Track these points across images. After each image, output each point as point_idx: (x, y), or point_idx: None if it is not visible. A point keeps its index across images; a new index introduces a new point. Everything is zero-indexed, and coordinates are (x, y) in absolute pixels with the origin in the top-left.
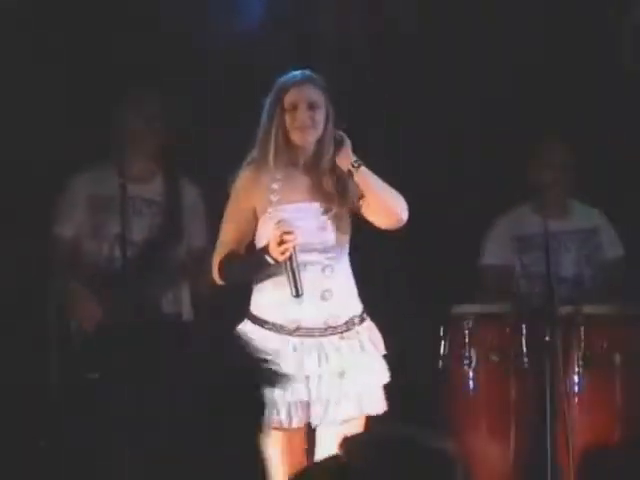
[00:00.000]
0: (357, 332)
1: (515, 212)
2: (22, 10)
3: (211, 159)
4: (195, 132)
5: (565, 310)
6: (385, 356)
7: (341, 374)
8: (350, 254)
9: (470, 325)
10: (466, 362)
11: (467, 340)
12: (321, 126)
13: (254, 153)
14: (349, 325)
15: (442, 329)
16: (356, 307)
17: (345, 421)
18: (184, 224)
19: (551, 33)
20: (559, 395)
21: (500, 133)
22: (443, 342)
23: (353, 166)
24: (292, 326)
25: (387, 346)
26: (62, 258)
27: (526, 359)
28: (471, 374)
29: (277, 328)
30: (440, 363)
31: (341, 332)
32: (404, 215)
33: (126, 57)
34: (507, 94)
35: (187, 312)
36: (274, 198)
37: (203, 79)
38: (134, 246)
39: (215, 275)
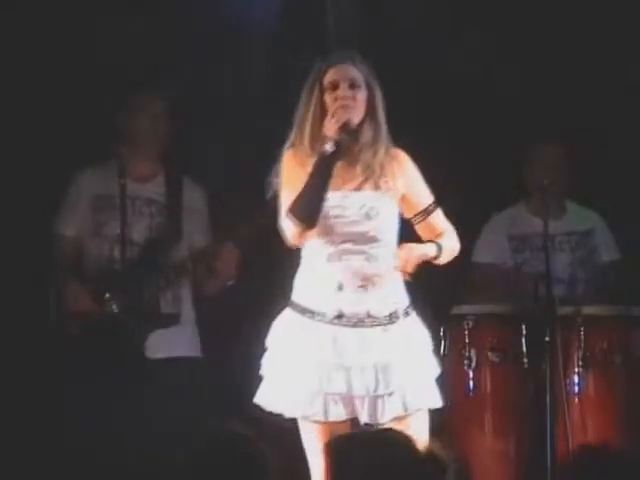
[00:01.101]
0: (401, 325)
1: (509, 212)
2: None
3: (213, 159)
4: (197, 133)
5: (565, 310)
6: None
7: (385, 368)
8: None
9: (470, 325)
10: (466, 362)
11: (467, 340)
12: (363, 107)
13: (291, 136)
14: (392, 317)
15: (442, 329)
16: (401, 300)
17: (396, 419)
18: (185, 224)
19: (550, 33)
20: (559, 395)
21: (497, 133)
22: (443, 342)
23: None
24: (333, 313)
25: None
26: (64, 257)
27: (526, 359)
28: (471, 374)
29: (318, 316)
30: (440, 363)
31: (385, 324)
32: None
33: (130, 57)
34: (505, 94)
35: (187, 312)
36: None
37: (207, 80)
38: (135, 246)
39: (291, 233)
